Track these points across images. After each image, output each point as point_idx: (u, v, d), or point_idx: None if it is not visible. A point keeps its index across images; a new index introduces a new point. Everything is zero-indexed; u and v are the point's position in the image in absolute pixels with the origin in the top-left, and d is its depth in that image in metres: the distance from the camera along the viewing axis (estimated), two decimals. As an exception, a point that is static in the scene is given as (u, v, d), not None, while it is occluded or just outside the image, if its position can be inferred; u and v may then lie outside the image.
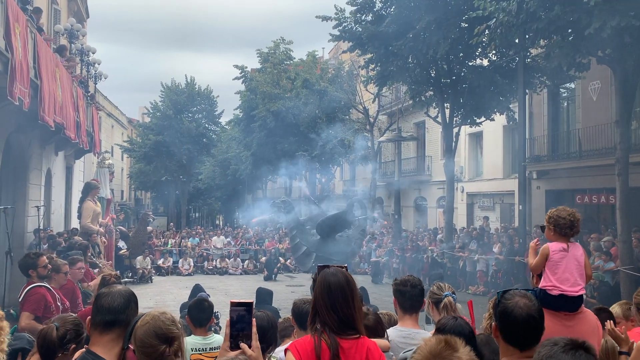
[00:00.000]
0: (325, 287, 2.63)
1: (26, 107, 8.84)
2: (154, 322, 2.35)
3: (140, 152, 38.87)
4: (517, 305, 2.39)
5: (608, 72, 14.06)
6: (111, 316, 2.32)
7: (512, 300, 2.42)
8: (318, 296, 2.64)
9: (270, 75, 30.56)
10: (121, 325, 2.32)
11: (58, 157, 15.40)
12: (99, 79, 19.03)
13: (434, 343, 1.68)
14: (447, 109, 18.79)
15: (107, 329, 2.30)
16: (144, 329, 2.33)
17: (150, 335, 2.32)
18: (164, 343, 2.33)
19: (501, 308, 2.44)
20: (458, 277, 17.62)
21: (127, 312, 2.34)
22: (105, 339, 2.29)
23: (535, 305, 2.43)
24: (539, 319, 2.40)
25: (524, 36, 13.37)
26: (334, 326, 2.57)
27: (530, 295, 2.49)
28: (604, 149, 15.34)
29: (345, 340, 2.57)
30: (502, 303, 2.45)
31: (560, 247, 3.77)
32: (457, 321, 2.86)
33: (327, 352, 2.50)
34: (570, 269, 3.68)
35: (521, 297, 2.44)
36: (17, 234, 11.67)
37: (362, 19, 18.42)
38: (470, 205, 24.21)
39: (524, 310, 2.37)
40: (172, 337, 2.37)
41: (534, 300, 2.45)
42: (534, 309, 2.40)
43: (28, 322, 5.20)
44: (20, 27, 8.50)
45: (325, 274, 2.67)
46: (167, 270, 21.52)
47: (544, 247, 3.83)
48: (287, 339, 4.17)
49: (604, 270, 12.32)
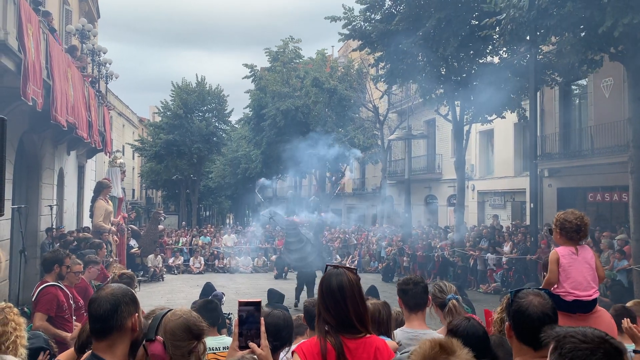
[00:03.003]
0: (326, 288, 2.64)
1: (39, 107, 8.93)
2: (187, 317, 2.38)
3: (151, 151, 39.08)
4: (532, 303, 2.37)
5: (621, 68, 13.91)
6: (100, 324, 2.22)
7: (526, 299, 2.40)
8: (319, 297, 2.66)
9: (280, 74, 30.58)
10: (114, 331, 2.22)
11: (70, 157, 15.53)
12: (110, 78, 19.14)
13: (428, 347, 1.63)
14: (457, 107, 18.69)
15: (101, 336, 2.22)
16: (177, 322, 2.34)
17: (183, 329, 2.33)
18: (194, 338, 2.36)
19: (515, 307, 2.41)
20: (469, 275, 17.55)
21: (116, 316, 2.22)
22: (103, 345, 2.22)
23: (549, 303, 2.40)
24: (553, 317, 2.37)
25: (535, 33, 13.25)
26: (335, 326, 2.57)
27: (544, 294, 2.46)
28: (617, 146, 15.18)
29: (351, 340, 2.56)
30: (515, 302, 2.42)
31: (569, 251, 3.73)
32: (471, 322, 2.83)
33: (333, 352, 2.50)
34: (581, 272, 3.64)
35: (535, 295, 2.41)
36: (30, 233, 11.79)
37: (371, 18, 18.37)
38: (481, 203, 24.09)
39: (538, 309, 2.35)
40: (201, 333, 2.39)
41: (547, 299, 2.42)
42: (548, 308, 2.37)
43: (41, 323, 5.24)
44: (33, 28, 8.57)
45: (328, 274, 2.68)
46: (178, 268, 21.65)
47: (552, 253, 3.80)
48: (300, 337, 4.18)
49: (618, 270, 12.21)
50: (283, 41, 32.55)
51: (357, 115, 29.06)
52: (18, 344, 2.81)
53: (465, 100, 18.20)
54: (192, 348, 2.35)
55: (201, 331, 2.40)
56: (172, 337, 2.31)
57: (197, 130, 37.74)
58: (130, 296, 2.32)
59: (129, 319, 2.25)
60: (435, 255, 18.88)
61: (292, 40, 32.56)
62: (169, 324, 2.33)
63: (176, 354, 2.31)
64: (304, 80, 29.43)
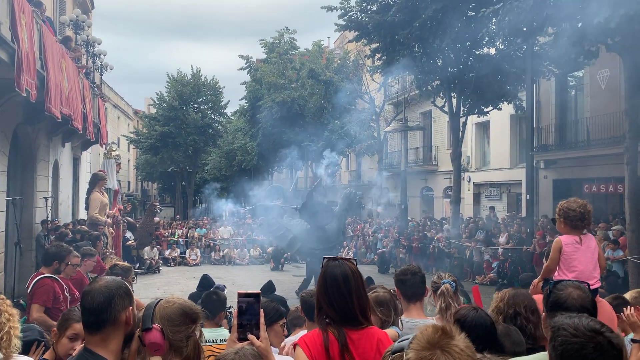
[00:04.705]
0: (331, 280, 2.61)
1: (33, 98, 8.85)
2: (181, 303, 2.38)
3: (146, 143, 38.96)
4: (571, 296, 2.36)
5: (617, 60, 13.90)
6: (93, 317, 2.17)
7: (565, 291, 2.39)
8: (321, 289, 2.63)
9: (276, 66, 30.45)
10: (107, 325, 2.18)
11: (65, 149, 15.45)
12: (104, 70, 19.02)
13: (431, 332, 1.65)
14: (454, 98, 18.67)
15: (94, 329, 2.18)
16: (172, 308, 2.34)
17: (180, 314, 2.33)
18: (191, 322, 2.36)
19: (553, 299, 2.40)
20: (465, 266, 17.62)
21: (110, 309, 2.17)
22: (97, 339, 2.18)
23: (589, 297, 2.40)
24: (592, 310, 2.35)
25: (532, 23, 13.22)
26: (336, 318, 2.56)
27: (584, 286, 2.46)
28: (612, 137, 15.21)
29: (353, 331, 2.56)
30: (554, 293, 2.41)
31: (573, 239, 3.73)
32: (479, 312, 2.82)
33: (336, 344, 2.49)
34: (584, 262, 3.64)
35: (574, 288, 2.41)
36: (25, 225, 11.74)
37: (367, 8, 18.28)
38: (477, 195, 24.14)
39: (577, 302, 2.34)
40: (197, 317, 2.40)
41: (587, 292, 2.42)
42: (587, 300, 2.37)
43: (39, 314, 5.22)
44: (27, 18, 8.48)
45: (331, 267, 2.65)
46: (175, 260, 21.64)
47: (555, 240, 3.79)
48: (299, 329, 4.18)
49: (613, 260, 12.27)
50: (278, 32, 32.41)
51: (353, 107, 28.99)
52: (12, 335, 2.78)
53: (461, 91, 18.17)
54: (190, 332, 2.34)
55: (197, 315, 2.40)
56: (169, 323, 2.30)
57: (192, 122, 37.62)
58: (125, 289, 2.28)
59: (123, 312, 2.21)
60: (431, 246, 18.93)
61: (288, 31, 32.41)
62: (164, 311, 2.32)
63: (175, 339, 2.30)
64: (299, 72, 29.32)
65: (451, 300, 3.69)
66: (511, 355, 2.72)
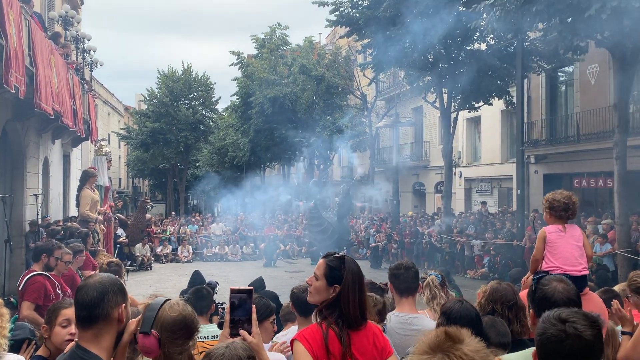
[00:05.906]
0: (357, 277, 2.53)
1: (22, 95, 8.77)
2: (185, 314, 2.39)
3: (137, 139, 38.74)
4: (556, 289, 2.38)
5: (606, 55, 14.00)
6: (85, 312, 2.17)
7: (550, 286, 2.40)
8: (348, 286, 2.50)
9: (267, 61, 30.35)
10: (99, 320, 2.17)
11: (55, 146, 15.33)
12: (94, 66, 18.88)
13: (432, 336, 1.61)
14: (445, 94, 18.72)
15: (87, 324, 2.17)
16: (175, 317, 2.34)
17: (181, 327, 2.35)
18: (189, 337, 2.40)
19: (540, 294, 2.41)
20: (456, 261, 17.71)
21: (103, 305, 2.16)
22: (89, 334, 2.17)
23: (573, 289, 2.42)
24: (578, 302, 2.37)
25: (522, 19, 13.25)
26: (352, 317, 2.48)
27: (566, 279, 2.48)
28: (602, 132, 15.33)
29: (354, 331, 2.53)
30: (539, 289, 2.42)
31: (556, 228, 3.81)
32: (464, 305, 2.86)
33: (335, 340, 2.45)
34: (568, 248, 3.71)
35: (558, 282, 2.43)
36: (15, 223, 11.66)
37: (359, 4, 18.25)
38: (468, 190, 24.25)
39: (563, 295, 2.35)
40: (195, 331, 2.43)
41: (571, 284, 2.44)
42: (573, 293, 2.39)
43: (29, 312, 5.20)
44: (15, 14, 8.39)
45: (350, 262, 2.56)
46: (167, 257, 21.58)
47: (540, 231, 3.86)
48: (291, 324, 4.19)
49: (603, 254, 12.39)
50: (270, 27, 32.30)
51: (344, 103, 28.97)
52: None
53: (452, 87, 18.21)
54: (186, 347, 2.38)
55: (196, 328, 2.42)
56: (169, 335, 2.31)
57: (183, 119, 37.45)
58: (119, 286, 2.27)
59: (115, 308, 2.20)
60: (423, 241, 19.01)
61: (279, 26, 32.31)
62: (166, 319, 2.32)
63: (171, 351, 2.31)
64: (291, 68, 29.25)
65: (437, 291, 3.89)
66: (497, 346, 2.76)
